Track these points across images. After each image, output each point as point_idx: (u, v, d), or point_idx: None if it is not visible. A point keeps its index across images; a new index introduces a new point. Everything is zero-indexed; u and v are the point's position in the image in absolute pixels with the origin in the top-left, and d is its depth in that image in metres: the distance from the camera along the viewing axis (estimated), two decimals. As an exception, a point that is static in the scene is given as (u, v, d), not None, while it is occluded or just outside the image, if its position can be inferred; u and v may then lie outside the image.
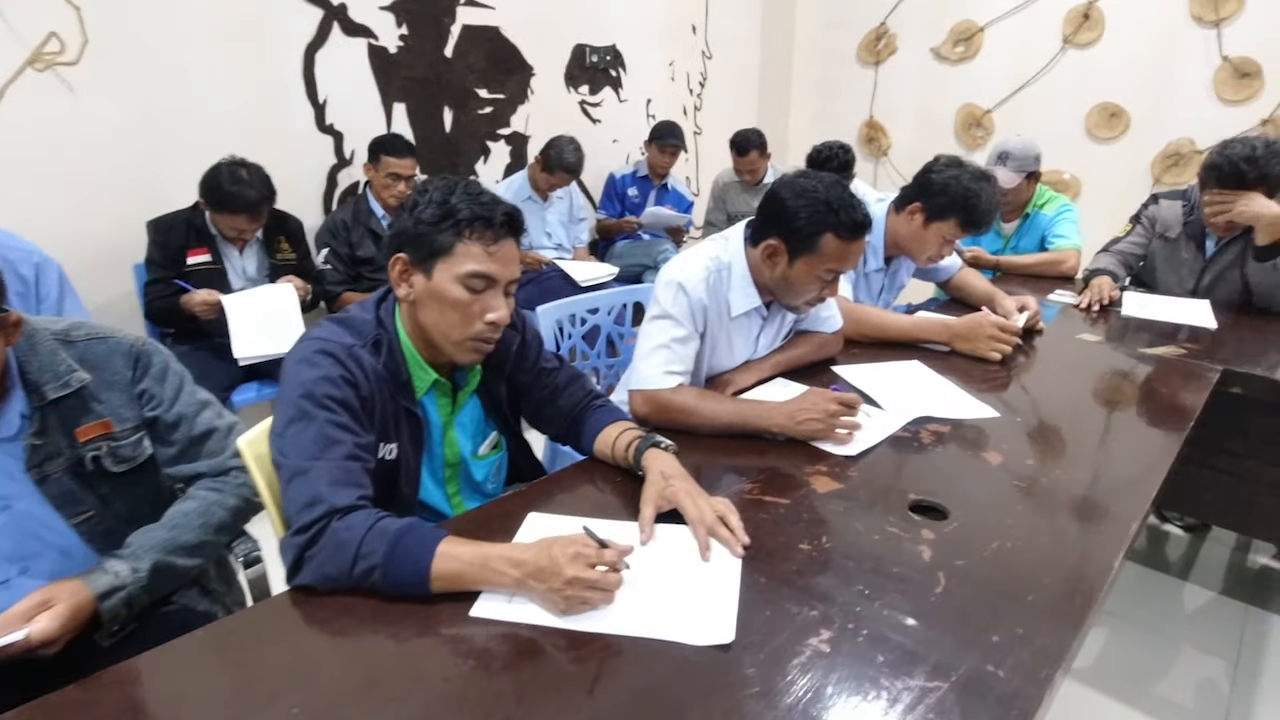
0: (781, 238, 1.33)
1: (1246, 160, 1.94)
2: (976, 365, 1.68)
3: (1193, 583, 2.14)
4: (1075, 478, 1.18)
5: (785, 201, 1.31)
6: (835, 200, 1.28)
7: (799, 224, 1.29)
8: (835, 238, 1.29)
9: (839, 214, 1.28)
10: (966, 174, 1.79)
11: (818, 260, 1.32)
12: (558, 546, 0.86)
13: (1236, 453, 1.79)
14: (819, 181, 1.31)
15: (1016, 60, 3.87)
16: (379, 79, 2.90)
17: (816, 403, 1.24)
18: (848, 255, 1.32)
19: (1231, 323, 2.00)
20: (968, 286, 2.12)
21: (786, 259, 1.35)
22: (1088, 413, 1.47)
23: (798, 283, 1.37)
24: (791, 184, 1.32)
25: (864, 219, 1.29)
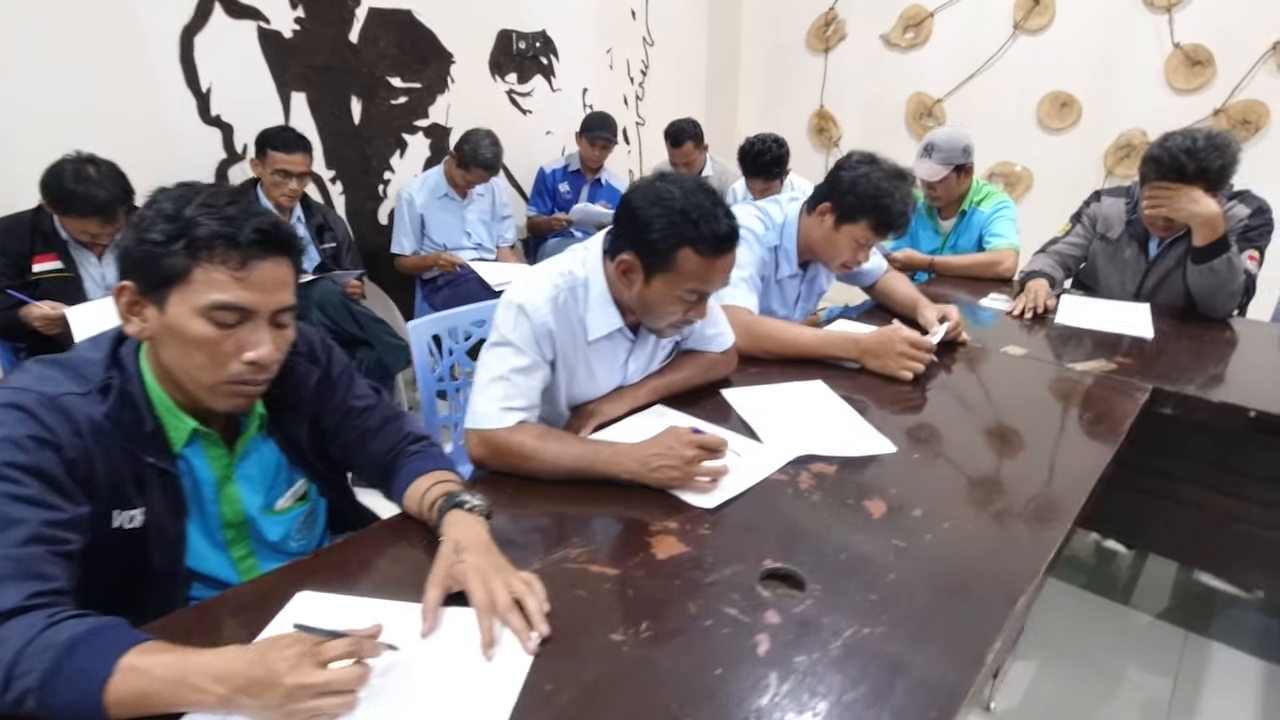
0: (636, 252, 1.15)
1: (1186, 152, 1.79)
2: (887, 384, 1.51)
3: (1133, 607, 2.00)
4: (969, 530, 1.01)
5: (638, 211, 1.13)
6: (694, 209, 1.10)
7: (654, 237, 1.11)
8: (694, 253, 1.11)
9: (698, 226, 1.09)
10: (879, 172, 1.61)
11: (676, 279, 1.14)
12: (275, 650, 0.68)
13: (1174, 476, 1.65)
14: (678, 186, 1.12)
15: (967, 47, 3.72)
16: (273, 66, 2.66)
17: (672, 446, 1.06)
18: (711, 273, 1.14)
19: (1171, 331, 1.85)
20: (892, 292, 1.95)
21: (642, 277, 1.16)
22: (1002, 440, 1.31)
23: (656, 304, 1.18)
24: (646, 189, 1.13)
25: (728, 231, 1.11)
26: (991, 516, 1.05)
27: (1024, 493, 1.12)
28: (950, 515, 1.04)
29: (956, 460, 1.23)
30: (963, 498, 1.10)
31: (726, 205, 1.14)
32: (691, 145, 3.34)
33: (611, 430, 1.29)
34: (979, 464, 1.22)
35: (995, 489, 1.13)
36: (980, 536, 0.99)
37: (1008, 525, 1.03)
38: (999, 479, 1.17)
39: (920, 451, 1.23)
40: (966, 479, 1.17)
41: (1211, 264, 1.84)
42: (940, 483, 1.15)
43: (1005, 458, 1.24)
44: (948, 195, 2.46)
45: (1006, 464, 1.22)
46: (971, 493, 1.12)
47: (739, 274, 1.67)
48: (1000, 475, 1.18)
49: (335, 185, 2.97)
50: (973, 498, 1.10)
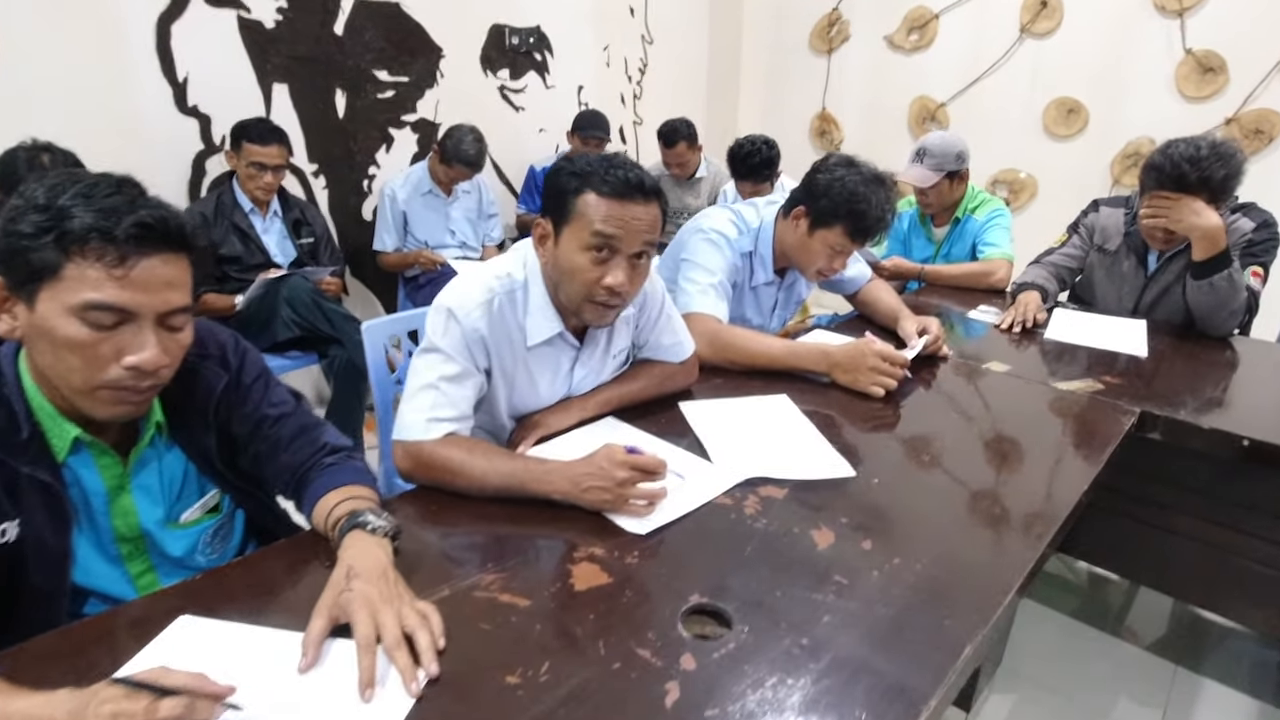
0: (548, 215, 1.12)
1: (1189, 161, 1.70)
2: (858, 400, 1.43)
3: (1122, 638, 1.90)
4: (921, 566, 0.92)
5: (545, 180, 1.13)
6: (598, 163, 1.09)
7: (558, 192, 1.10)
8: (595, 195, 1.08)
9: (600, 172, 1.08)
10: (856, 175, 1.53)
11: (580, 226, 1.09)
12: (92, 706, 0.61)
13: (1166, 505, 1.55)
14: (586, 159, 1.10)
15: (972, 50, 3.62)
16: (253, 56, 2.61)
17: (603, 467, 0.98)
18: (616, 218, 1.08)
19: (1167, 350, 1.75)
20: (874, 302, 1.86)
21: (553, 239, 1.13)
22: (973, 464, 1.22)
23: (567, 266, 1.11)
24: (561, 161, 1.13)
25: (636, 180, 1.08)
26: (947, 550, 0.96)
27: (988, 523, 1.03)
28: (903, 548, 0.96)
29: (920, 485, 1.14)
30: (920, 528, 1.02)
31: (645, 170, 1.12)
32: (685, 146, 3.26)
33: (557, 444, 1.22)
34: (944, 490, 1.13)
35: (957, 518, 1.05)
36: (931, 573, 0.91)
37: (964, 559, 0.95)
38: (963, 506, 1.08)
39: (881, 475, 1.15)
40: (928, 506, 1.08)
41: (1211, 280, 1.74)
42: (898, 511, 1.07)
43: (974, 483, 1.15)
44: (940, 202, 2.37)
45: (975, 489, 1.13)
46: (930, 522, 1.04)
47: (708, 279, 1.60)
48: (965, 502, 1.09)
49: (318, 179, 2.92)
50: (931, 528, 1.02)
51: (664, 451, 1.18)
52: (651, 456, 1.00)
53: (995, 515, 1.06)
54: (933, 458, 1.22)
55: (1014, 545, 0.98)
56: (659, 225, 1.13)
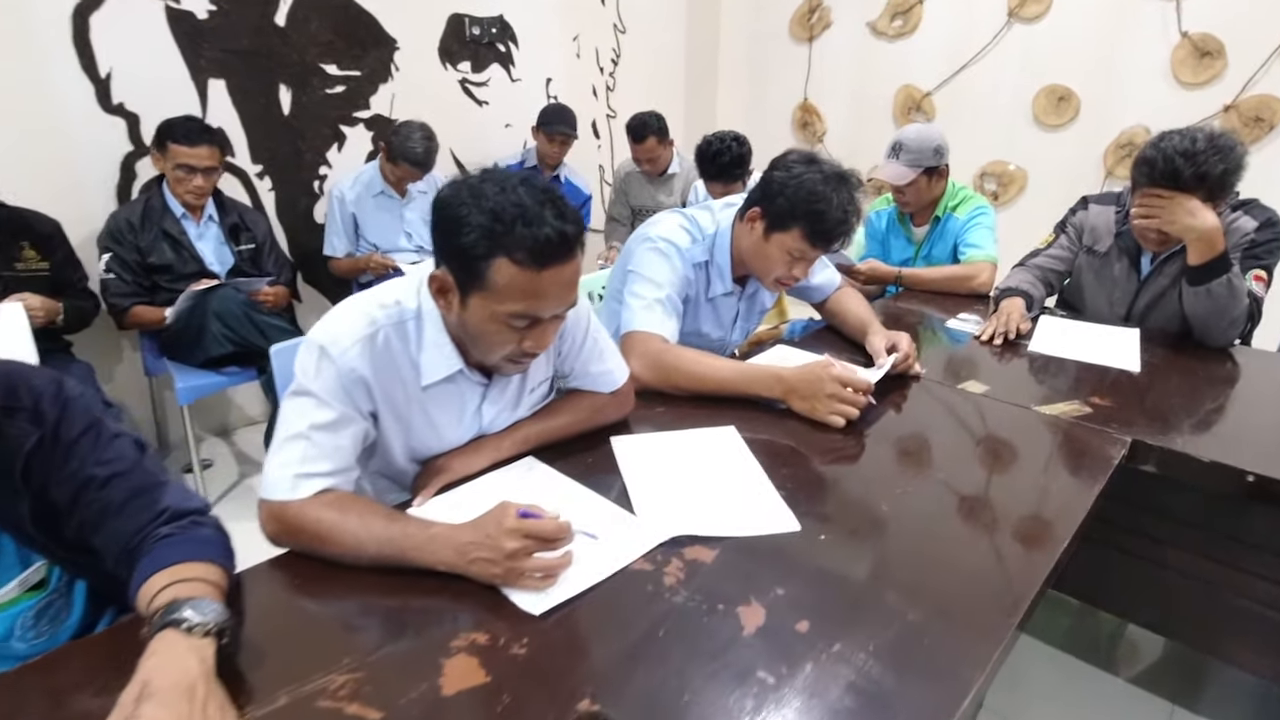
0: (448, 266, 0.92)
1: (1183, 155, 1.54)
2: (816, 430, 1.28)
3: (1115, 674, 1.76)
4: (864, 656, 0.77)
5: (444, 215, 0.90)
6: (509, 209, 0.86)
7: (463, 244, 0.88)
8: (511, 264, 0.88)
9: (513, 229, 0.86)
10: (816, 173, 1.37)
11: (494, 299, 0.91)
12: None
13: (1159, 538, 1.40)
14: (495, 183, 0.89)
15: (958, 36, 3.45)
16: (184, 49, 2.44)
17: (491, 535, 0.83)
18: (538, 291, 0.90)
19: (1161, 363, 1.60)
20: (842, 313, 1.71)
21: (458, 297, 0.94)
22: (938, 513, 1.06)
23: (479, 332, 0.96)
24: (457, 190, 0.90)
25: (556, 236, 0.87)
26: (899, 634, 0.81)
27: (950, 595, 0.88)
28: (847, 631, 0.80)
29: (876, 542, 0.99)
30: (870, 601, 0.87)
31: (563, 204, 0.90)
32: (655, 140, 3.09)
33: (464, 491, 1.06)
34: (903, 548, 0.98)
35: (915, 588, 0.89)
36: (878, 666, 0.76)
37: (919, 644, 0.80)
38: (922, 570, 0.93)
39: (831, 528, 0.99)
40: (882, 570, 0.93)
41: (1209, 286, 1.58)
42: (846, 578, 0.91)
43: (939, 536, 1.00)
44: (918, 200, 2.21)
45: (939, 545, 0.98)
46: (883, 593, 0.88)
47: (654, 294, 1.44)
48: (925, 564, 0.94)
49: (263, 181, 2.75)
50: (883, 600, 0.86)
51: (581, 501, 1.03)
52: (549, 521, 0.84)
53: (959, 583, 0.90)
54: (894, 503, 1.06)
55: (980, 622, 0.83)
56: (580, 273, 0.97)
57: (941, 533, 1.01)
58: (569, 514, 0.98)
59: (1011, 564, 0.94)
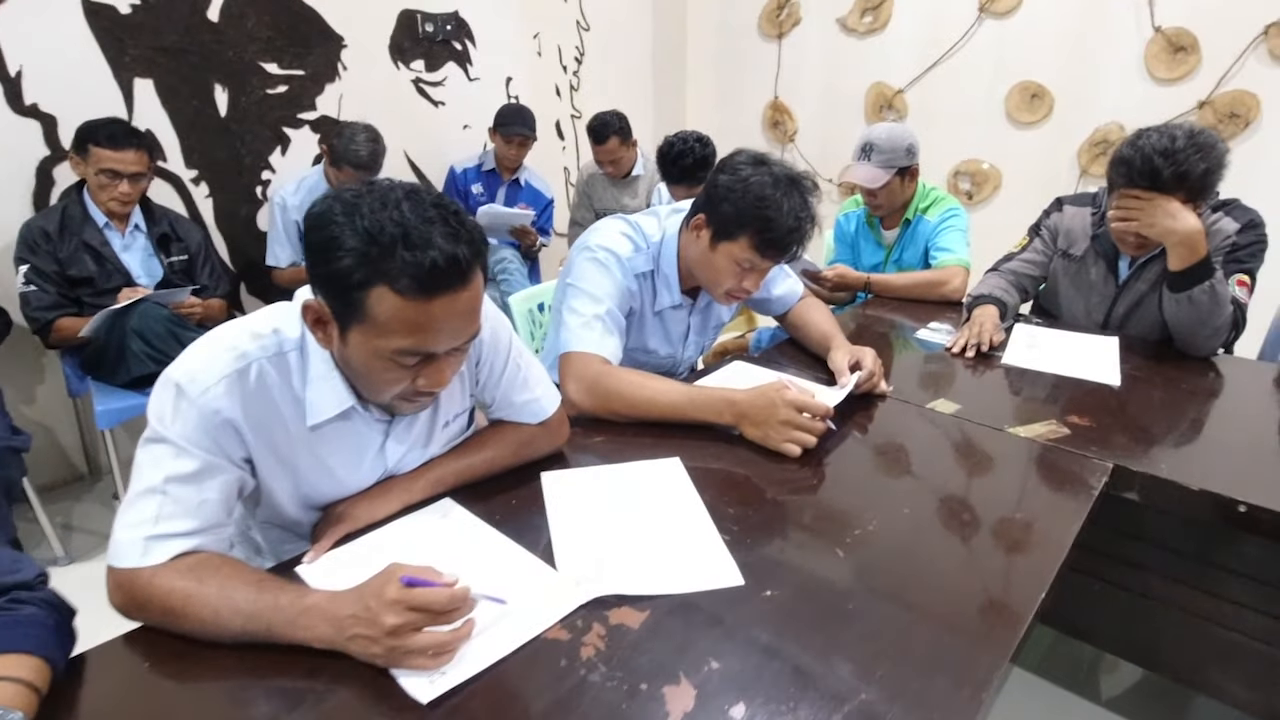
0: (323, 295, 0.79)
1: (1162, 154, 1.44)
2: (771, 458, 1.16)
3: (1100, 705, 1.66)
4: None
5: (314, 236, 0.76)
6: (388, 229, 0.73)
7: (339, 270, 0.74)
8: (393, 294, 0.74)
9: (392, 253, 0.72)
10: (765, 176, 1.26)
11: (376, 333, 0.77)
12: None
13: (1142, 565, 1.30)
14: (375, 197, 0.75)
15: (929, 32, 3.36)
16: (106, 46, 2.28)
17: (370, 608, 0.70)
18: (427, 324, 0.77)
19: (1142, 375, 1.50)
20: (805, 325, 1.59)
21: (335, 331, 0.80)
22: (904, 555, 0.94)
23: (364, 369, 0.83)
24: (329, 205, 0.76)
25: (445, 261, 0.73)
26: (849, 714, 0.69)
27: (918, 656, 0.76)
28: (789, 715, 0.68)
29: (828, 596, 0.87)
30: (817, 677, 0.75)
31: (458, 220, 0.76)
32: (617, 141, 2.97)
33: (371, 540, 0.93)
34: (858, 606, 0.86)
35: (872, 654, 0.77)
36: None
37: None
38: (879, 634, 0.81)
39: (779, 584, 0.87)
40: (833, 633, 0.81)
41: (1191, 293, 1.49)
42: (792, 644, 0.79)
43: (900, 588, 0.88)
44: (890, 203, 2.10)
45: (901, 597, 0.86)
46: (831, 663, 0.76)
47: (592, 309, 1.31)
48: (885, 625, 0.82)
49: (198, 187, 2.59)
50: (833, 673, 0.74)
51: (496, 553, 0.90)
52: (440, 591, 0.71)
53: (926, 648, 0.79)
54: (853, 547, 0.95)
55: (943, 703, 0.71)
56: (481, 298, 0.83)
57: (904, 581, 0.89)
58: (479, 570, 0.86)
59: (983, 626, 0.82)
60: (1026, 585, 0.87)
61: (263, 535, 1.00)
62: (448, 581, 0.73)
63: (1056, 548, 0.94)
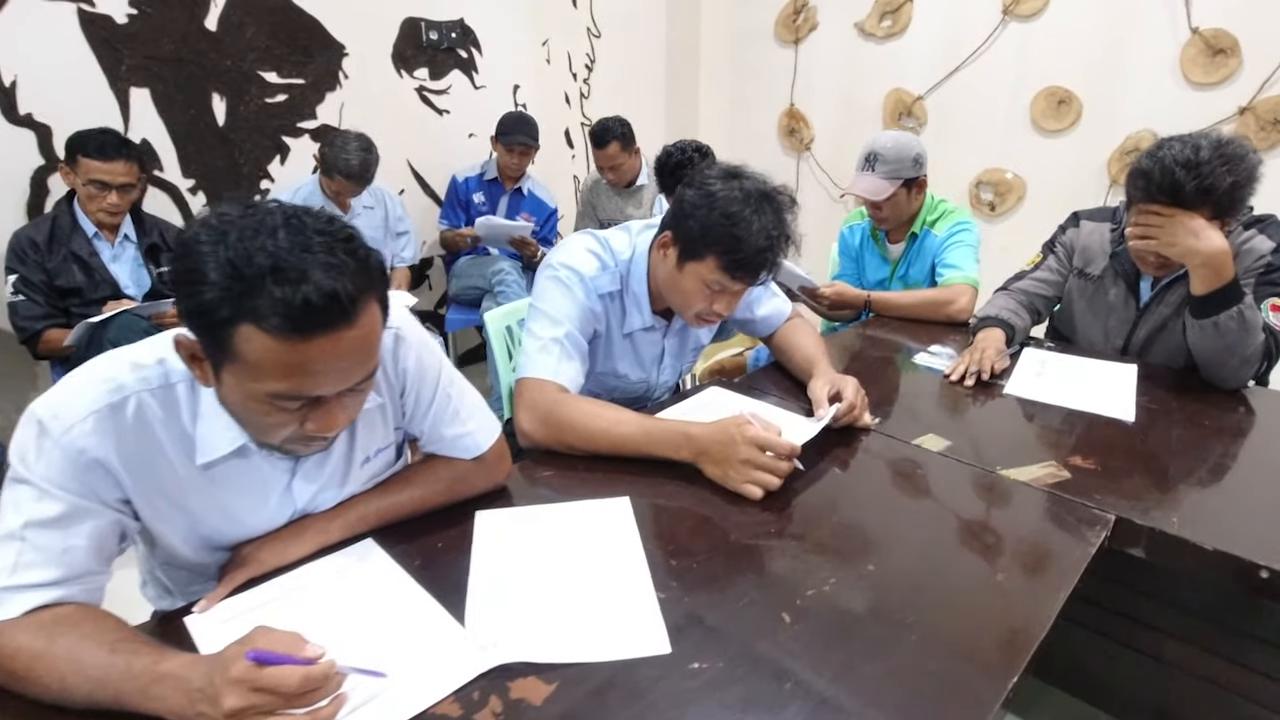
0: (191, 329, 0.71)
1: (1185, 166, 1.31)
2: (730, 499, 1.06)
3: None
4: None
5: (182, 267, 0.68)
6: (254, 259, 0.64)
7: (202, 304, 0.66)
8: (261, 334, 0.66)
9: (260, 288, 0.64)
10: (734, 191, 1.16)
11: (248, 375, 0.69)
12: None
13: (1155, 627, 1.17)
14: (253, 220, 0.67)
15: (950, 37, 3.22)
16: (102, 56, 2.28)
17: (215, 685, 0.62)
18: (308, 367, 0.69)
19: (1160, 409, 1.36)
20: (790, 349, 1.49)
21: (210, 370, 0.73)
22: (859, 622, 0.84)
23: (243, 414, 0.76)
24: (202, 228, 0.68)
25: (323, 297, 0.65)
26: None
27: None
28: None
29: (760, 678, 0.76)
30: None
31: (345, 249, 0.68)
32: (617, 146, 2.89)
33: (274, 587, 0.86)
34: (792, 687, 0.75)
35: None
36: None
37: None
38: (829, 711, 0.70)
39: (709, 656, 0.77)
40: (760, 718, 0.71)
41: (1217, 319, 1.34)
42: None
43: (848, 666, 0.78)
44: (896, 216, 1.98)
45: (848, 679, 0.75)
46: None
47: (550, 332, 1.23)
48: (823, 713, 0.72)
49: (196, 196, 2.58)
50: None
51: (402, 605, 0.82)
52: (290, 671, 0.62)
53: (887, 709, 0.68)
54: (801, 610, 0.84)
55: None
56: (377, 334, 0.75)
57: (853, 658, 0.78)
58: (377, 627, 0.78)
59: (947, 703, 0.71)
60: (999, 667, 0.76)
61: (167, 576, 0.94)
62: (310, 655, 0.65)
63: (1040, 618, 0.82)
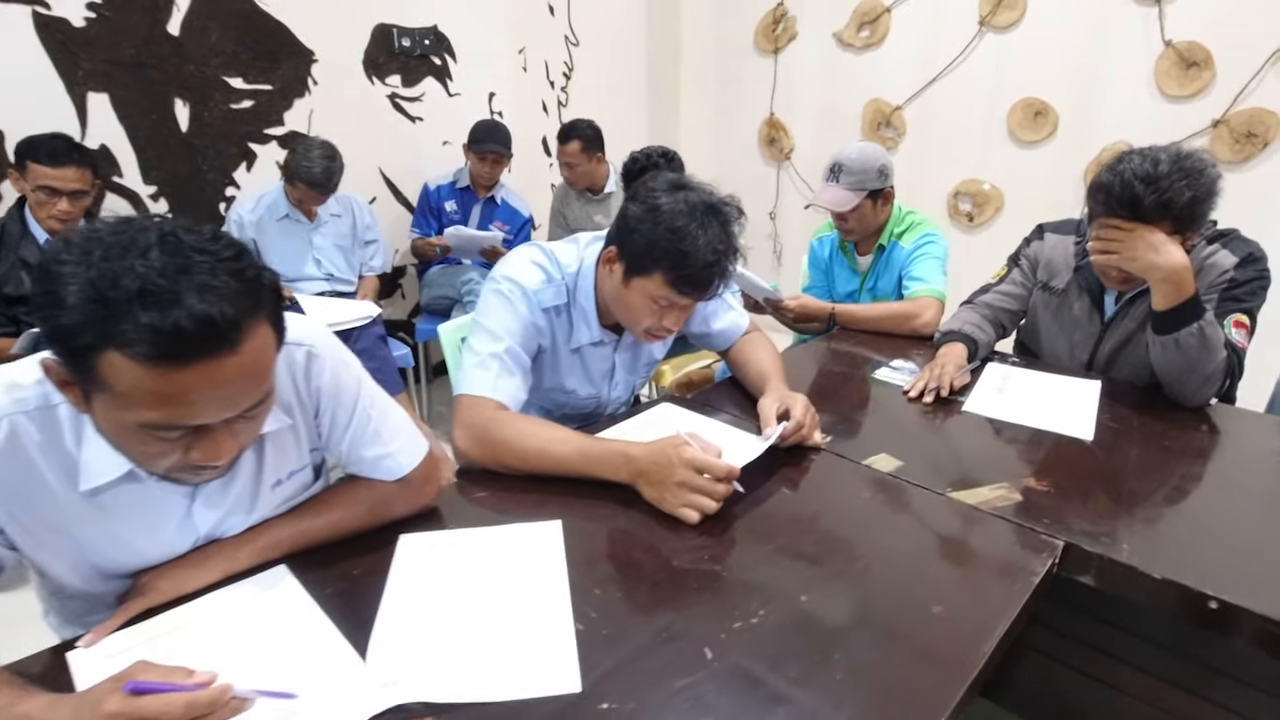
0: (55, 353, 0.67)
1: (1144, 180, 1.28)
2: (668, 523, 1.01)
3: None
4: None
5: (39, 279, 0.64)
6: (125, 282, 0.60)
7: (63, 328, 0.62)
8: (127, 361, 0.62)
9: (125, 312, 0.60)
10: (679, 204, 1.12)
11: (116, 404, 0.65)
12: None
13: (1115, 655, 1.12)
14: (123, 237, 0.63)
15: (928, 47, 3.21)
16: (59, 60, 2.23)
17: (103, 713, 0.57)
18: (183, 396, 0.64)
19: (1122, 427, 1.33)
20: (745, 364, 1.45)
21: (80, 396, 0.68)
22: (783, 660, 0.79)
23: (119, 444, 0.71)
24: (66, 245, 0.64)
25: (196, 323, 0.61)
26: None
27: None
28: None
29: (670, 714, 0.72)
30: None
31: (225, 269, 0.64)
32: (578, 146, 2.86)
33: (172, 619, 0.81)
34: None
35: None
36: None
37: None
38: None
39: (621, 696, 0.72)
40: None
41: (1177, 335, 1.31)
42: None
43: (769, 710, 0.73)
44: (862, 228, 1.95)
45: (780, 715, 0.71)
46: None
47: (489, 347, 1.18)
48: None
49: (158, 203, 2.53)
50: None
51: (302, 640, 0.77)
52: (174, 699, 0.58)
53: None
54: (726, 643, 0.80)
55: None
56: (267, 358, 0.70)
57: (778, 696, 0.74)
58: (273, 662, 0.73)
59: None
60: (929, 705, 0.72)
61: (61, 606, 0.89)
62: (200, 680, 0.60)
63: (975, 654, 0.78)
